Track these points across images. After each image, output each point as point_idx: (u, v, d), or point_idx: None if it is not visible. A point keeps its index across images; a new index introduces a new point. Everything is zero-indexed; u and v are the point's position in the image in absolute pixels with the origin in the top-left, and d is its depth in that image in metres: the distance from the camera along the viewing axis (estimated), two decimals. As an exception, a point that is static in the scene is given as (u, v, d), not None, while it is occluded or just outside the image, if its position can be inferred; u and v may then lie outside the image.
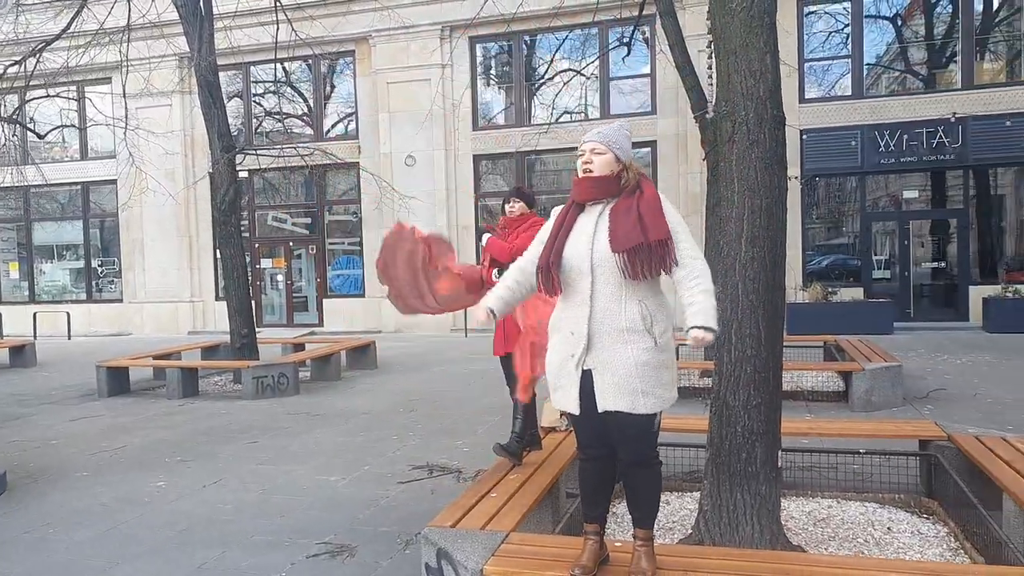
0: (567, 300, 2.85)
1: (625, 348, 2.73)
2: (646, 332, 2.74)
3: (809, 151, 14.57)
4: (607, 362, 2.75)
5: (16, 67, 9.27)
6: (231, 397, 9.01)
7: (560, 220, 2.91)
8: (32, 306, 18.15)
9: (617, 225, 2.76)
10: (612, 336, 2.76)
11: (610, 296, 2.77)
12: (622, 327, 2.75)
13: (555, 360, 2.85)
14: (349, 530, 4.38)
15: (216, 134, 9.48)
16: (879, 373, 7.26)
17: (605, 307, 2.77)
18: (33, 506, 5.05)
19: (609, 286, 2.77)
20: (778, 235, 3.55)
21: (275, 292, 17.63)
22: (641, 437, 2.79)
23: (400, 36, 15.67)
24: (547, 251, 2.86)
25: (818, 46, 15.03)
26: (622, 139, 2.93)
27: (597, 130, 2.96)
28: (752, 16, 3.47)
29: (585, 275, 2.80)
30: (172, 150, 16.45)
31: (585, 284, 2.80)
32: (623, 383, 2.72)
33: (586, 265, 2.79)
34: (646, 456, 2.83)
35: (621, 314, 2.75)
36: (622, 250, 2.71)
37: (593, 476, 2.92)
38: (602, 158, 2.87)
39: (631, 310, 2.75)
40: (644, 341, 2.74)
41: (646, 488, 2.85)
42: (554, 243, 2.84)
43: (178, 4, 9.15)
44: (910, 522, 4.13)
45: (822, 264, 15.31)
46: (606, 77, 15.59)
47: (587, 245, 2.81)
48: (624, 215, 2.77)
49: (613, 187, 2.87)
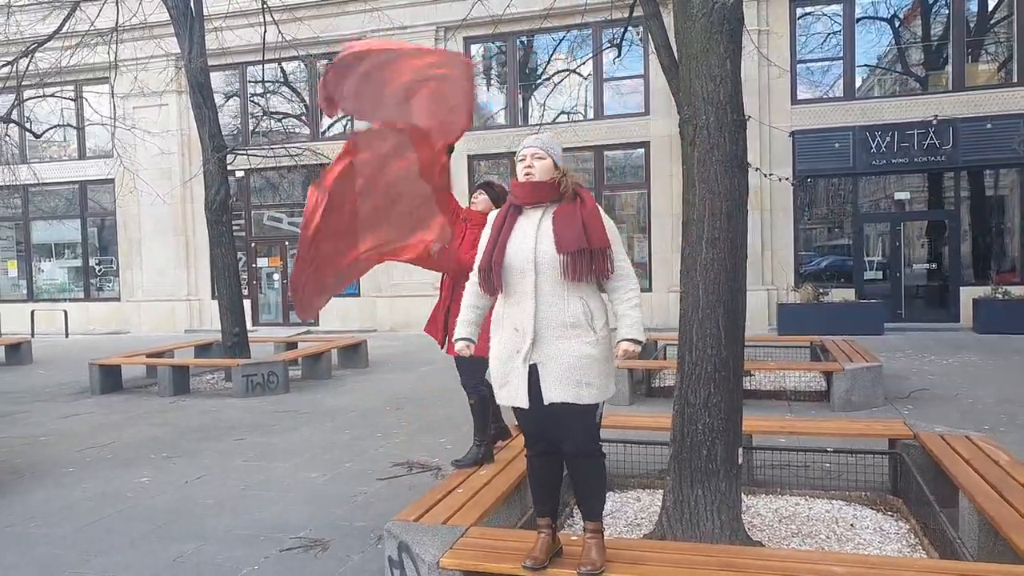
0: (509, 298, 2.96)
1: (569, 342, 2.87)
2: (588, 326, 2.89)
3: (801, 152, 14.65)
4: (552, 355, 2.87)
5: (8, 67, 9.38)
6: (222, 395, 9.10)
7: (499, 222, 3.03)
8: (30, 304, 18.27)
9: (562, 228, 2.90)
10: (556, 331, 2.88)
11: (553, 293, 2.90)
12: (566, 322, 2.88)
13: (501, 357, 2.96)
14: (325, 525, 4.46)
15: (207, 134, 9.57)
16: (860, 373, 7.33)
17: (549, 303, 2.90)
18: (17, 502, 5.14)
19: (551, 284, 2.90)
20: (738, 237, 3.62)
21: (271, 291, 17.72)
22: (584, 428, 2.91)
23: (395, 36, 15.74)
24: (488, 252, 2.99)
25: (810, 48, 15.10)
26: (557, 147, 3.11)
27: (535, 136, 3.13)
28: (712, 22, 3.53)
29: (528, 274, 2.93)
30: (168, 150, 16.57)
31: (528, 282, 2.92)
32: (568, 375, 2.83)
33: (529, 265, 2.92)
34: (589, 448, 2.94)
35: (565, 310, 2.88)
36: (567, 252, 2.85)
37: (541, 472, 3.04)
38: (543, 163, 3.02)
39: (574, 306, 2.89)
40: (587, 335, 2.88)
41: (592, 480, 2.95)
42: (495, 244, 2.95)
43: (169, 5, 9.24)
44: (874, 519, 4.20)
45: (821, 265, 15.37)
46: (600, 78, 15.67)
47: (530, 246, 2.94)
48: (568, 219, 2.92)
49: (552, 192, 3.01)
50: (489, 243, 3.00)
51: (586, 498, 2.97)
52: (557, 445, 2.97)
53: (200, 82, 9.44)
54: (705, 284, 3.59)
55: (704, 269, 3.59)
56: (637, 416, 5.42)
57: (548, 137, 3.15)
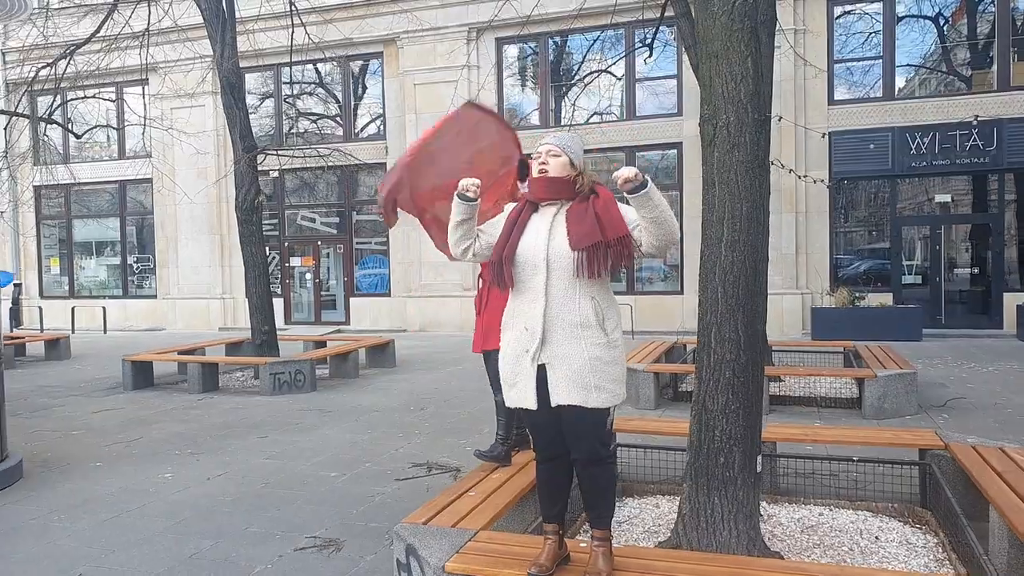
0: (519, 296, 2.91)
1: (579, 343, 2.81)
2: (599, 327, 2.83)
3: (838, 153, 14.35)
4: (561, 356, 2.82)
5: (48, 69, 9.61)
6: (249, 393, 9.20)
7: (513, 217, 2.98)
8: (71, 301, 18.70)
9: (575, 225, 2.85)
10: (566, 331, 2.82)
11: (564, 292, 2.84)
12: (576, 322, 2.82)
13: (509, 356, 2.91)
14: (340, 525, 4.46)
15: (238, 135, 9.69)
16: (892, 380, 7.14)
17: (559, 303, 2.84)
18: (45, 494, 5.23)
19: (563, 282, 2.84)
20: (759, 240, 3.53)
21: (304, 290, 17.90)
22: (594, 433, 2.83)
23: (428, 38, 15.82)
24: (500, 246, 2.94)
25: (848, 47, 14.79)
26: (576, 146, 3.04)
27: (553, 135, 3.08)
28: (733, 19, 3.45)
29: (539, 271, 2.87)
30: (204, 150, 16.84)
31: (539, 280, 2.87)
32: (576, 377, 2.78)
33: (541, 262, 2.87)
34: (599, 454, 2.86)
35: (575, 309, 2.82)
36: (581, 248, 2.79)
37: (549, 476, 2.98)
38: (557, 160, 2.97)
39: (584, 306, 2.82)
40: (597, 336, 2.82)
41: (600, 487, 2.88)
42: (507, 239, 2.90)
43: (202, 7, 9.37)
44: (900, 532, 4.07)
45: (860, 269, 15.05)
46: (632, 78, 15.54)
47: (543, 242, 2.89)
48: (581, 215, 2.87)
49: (567, 190, 2.96)
50: (502, 237, 2.95)
51: (594, 505, 2.90)
52: (566, 449, 2.92)
53: (231, 83, 9.55)
54: (724, 287, 3.51)
55: (723, 272, 3.51)
56: (657, 421, 5.34)
57: (568, 135, 3.10)
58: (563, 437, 2.88)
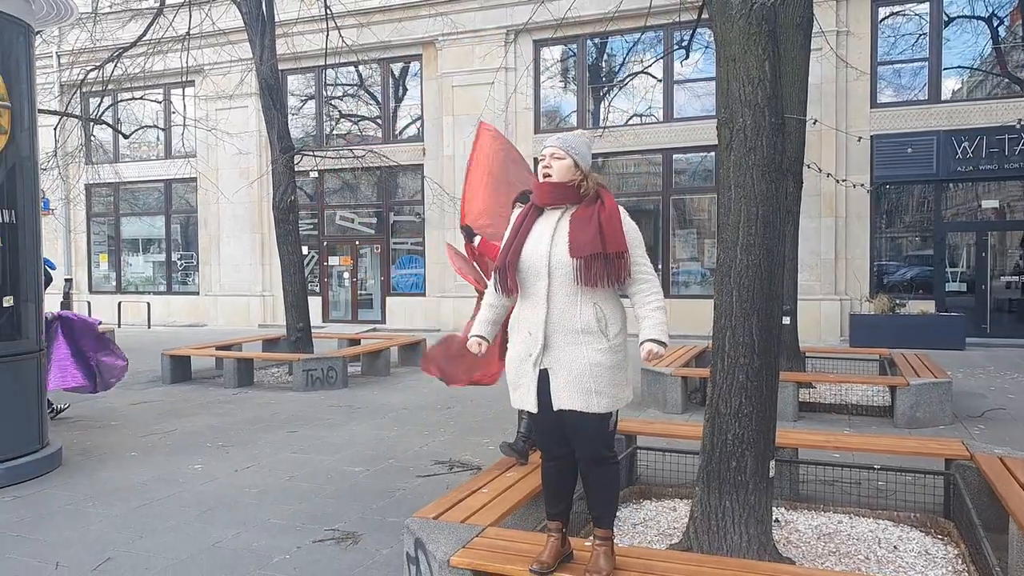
0: (524, 301, 2.93)
1: (580, 348, 2.81)
2: (600, 333, 2.83)
3: (880, 158, 14.06)
4: (562, 362, 2.83)
5: (96, 72, 9.95)
6: (283, 388, 9.39)
7: (518, 222, 2.99)
8: (118, 296, 19.25)
9: (577, 232, 2.84)
10: (567, 337, 2.84)
11: (566, 298, 2.85)
12: (577, 328, 2.82)
13: (514, 359, 2.94)
14: (360, 519, 4.55)
15: (276, 135, 9.90)
16: (926, 389, 6.99)
17: (561, 308, 2.85)
18: (82, 481, 5.43)
19: (565, 288, 2.85)
20: (775, 243, 3.52)
21: (342, 289, 18.15)
22: (596, 435, 2.85)
23: (466, 40, 15.93)
24: (504, 252, 2.96)
25: (894, 49, 14.48)
26: (582, 147, 2.99)
27: (558, 136, 3.03)
28: (751, 23, 3.44)
29: (542, 277, 2.88)
30: (246, 150, 17.19)
31: (542, 286, 2.89)
32: (577, 383, 2.79)
33: (543, 267, 2.88)
34: (601, 454, 2.89)
35: (577, 316, 2.83)
36: (580, 256, 2.79)
37: (553, 475, 3.01)
38: (561, 163, 2.94)
39: (586, 312, 2.83)
40: (598, 342, 2.82)
41: (602, 486, 2.90)
42: (511, 244, 2.92)
43: (243, 11, 9.61)
44: (920, 542, 4.01)
45: (906, 276, 14.72)
46: (670, 80, 15.44)
47: (545, 248, 2.89)
48: (584, 223, 2.84)
49: (572, 194, 2.94)
50: (506, 243, 2.98)
51: (596, 504, 2.93)
52: (570, 449, 2.95)
53: (270, 85, 9.77)
54: (739, 291, 3.50)
55: (738, 275, 3.50)
56: (676, 424, 5.32)
57: (573, 136, 3.05)
58: (567, 438, 2.91)
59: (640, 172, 16.16)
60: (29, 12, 5.77)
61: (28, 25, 5.74)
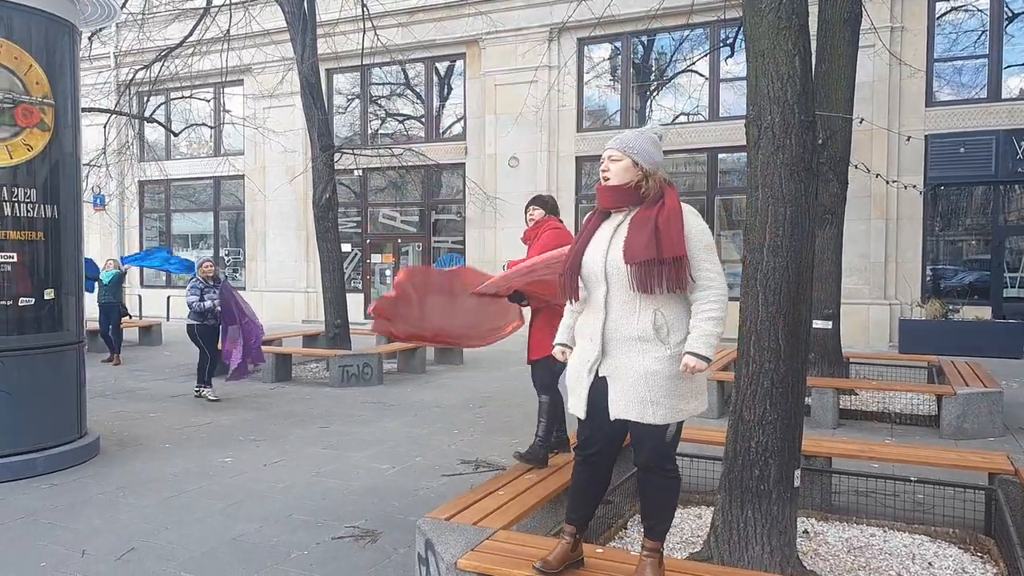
0: (588, 306, 2.89)
1: (637, 357, 2.72)
2: (659, 342, 2.71)
3: (934, 158, 13.58)
4: (620, 369, 2.75)
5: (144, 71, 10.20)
6: (320, 384, 9.48)
7: (584, 226, 2.95)
8: (168, 290, 19.72)
9: (633, 236, 2.73)
10: (625, 344, 2.75)
11: (624, 304, 2.75)
12: (634, 336, 2.73)
13: (574, 365, 2.89)
14: (380, 517, 4.54)
15: (316, 133, 10.02)
16: (974, 399, 6.71)
17: (619, 315, 2.76)
18: (115, 471, 5.55)
19: (623, 294, 2.75)
20: (803, 245, 3.39)
21: (384, 286, 18.28)
22: (652, 444, 2.76)
23: (509, 38, 15.90)
24: (567, 258, 2.91)
25: (952, 45, 13.97)
26: (643, 144, 2.85)
27: (617, 136, 2.92)
28: (780, 17, 3.32)
29: (600, 283, 2.80)
30: (292, 148, 17.44)
31: (601, 292, 2.81)
32: (632, 392, 2.71)
33: (601, 274, 2.79)
34: (657, 463, 2.79)
35: (634, 323, 2.73)
36: (633, 262, 2.68)
37: (584, 479, 2.94)
38: (618, 165, 2.84)
39: (644, 319, 2.72)
40: (656, 350, 2.70)
41: (657, 497, 2.81)
42: (574, 250, 2.88)
43: (284, 10, 9.74)
44: (957, 560, 3.83)
45: (965, 281, 14.21)
46: (716, 78, 15.17)
47: (602, 253, 2.80)
48: (641, 226, 2.73)
49: (632, 196, 2.82)
50: (571, 248, 2.94)
51: (649, 515, 2.83)
52: (606, 455, 2.88)
53: (311, 83, 9.89)
54: (765, 294, 3.39)
55: (765, 277, 3.39)
56: (705, 430, 5.19)
57: (633, 134, 2.91)
58: (607, 447, 2.85)
59: (685, 172, 15.92)
60: (73, 12, 5.92)
61: (72, 24, 5.89)
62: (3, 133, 5.35)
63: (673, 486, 2.86)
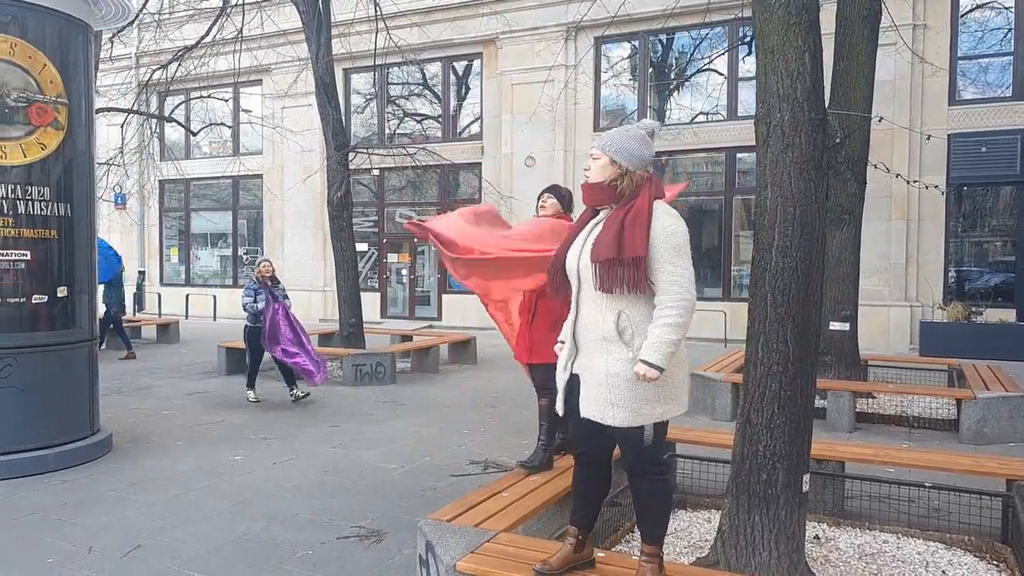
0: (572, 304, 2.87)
1: (601, 357, 2.69)
2: (623, 343, 2.65)
3: (957, 157, 13.36)
4: (587, 369, 2.75)
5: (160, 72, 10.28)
6: (333, 382, 9.48)
7: (575, 224, 2.98)
8: (187, 288, 19.90)
9: (601, 235, 2.72)
10: (593, 344, 2.73)
11: (592, 303, 2.74)
12: (599, 336, 2.71)
13: (558, 364, 2.91)
14: (386, 517, 4.52)
15: (330, 132, 10.04)
16: (995, 403, 6.58)
17: (587, 314, 2.76)
18: (127, 468, 5.58)
19: (592, 293, 2.73)
20: (813, 245, 3.32)
21: (399, 286, 18.33)
22: (633, 449, 2.72)
23: (526, 38, 15.86)
24: (554, 255, 2.92)
25: (976, 43, 13.73)
26: (624, 142, 2.79)
27: (604, 133, 2.93)
28: (790, 13, 3.26)
29: (575, 281, 2.82)
30: (309, 147, 17.51)
31: (575, 290, 2.82)
32: (595, 392, 2.69)
33: (574, 271, 2.80)
34: (642, 468, 2.75)
35: (600, 323, 2.71)
36: (596, 261, 2.67)
37: (581, 480, 2.93)
38: (596, 163, 2.82)
39: (609, 320, 2.68)
40: (619, 352, 2.65)
41: (646, 500, 2.78)
42: (561, 247, 2.90)
43: (300, 10, 9.78)
44: (972, 567, 3.74)
45: (991, 283, 13.96)
46: (734, 78, 15.04)
47: (577, 251, 2.82)
48: (610, 225, 2.71)
49: (608, 194, 2.79)
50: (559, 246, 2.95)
51: (641, 519, 2.81)
52: (600, 457, 2.86)
53: (325, 83, 9.91)
54: (774, 295, 3.32)
55: (773, 278, 3.32)
56: (714, 432, 5.13)
57: (616, 132, 2.86)
58: (592, 447, 2.83)
59: (704, 171, 15.80)
60: (87, 12, 5.96)
61: (86, 24, 5.93)
62: (17, 132, 5.40)
63: (661, 489, 2.81)
